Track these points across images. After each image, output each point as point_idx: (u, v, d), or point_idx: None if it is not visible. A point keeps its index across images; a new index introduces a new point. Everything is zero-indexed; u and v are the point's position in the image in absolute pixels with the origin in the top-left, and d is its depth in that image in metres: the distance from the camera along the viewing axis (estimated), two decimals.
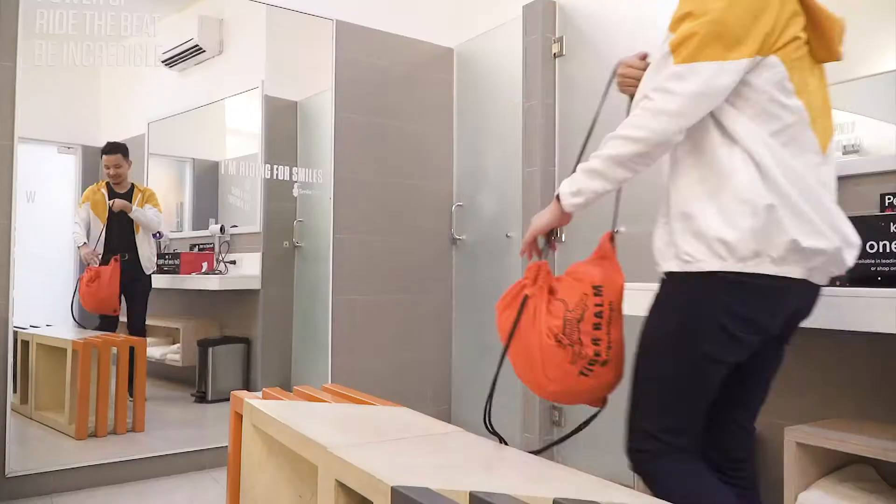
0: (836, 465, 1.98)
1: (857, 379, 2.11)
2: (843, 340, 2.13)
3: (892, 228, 1.81)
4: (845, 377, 2.14)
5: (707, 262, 1.34)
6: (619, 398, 1.64)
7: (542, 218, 1.59)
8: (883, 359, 2.05)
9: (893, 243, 1.80)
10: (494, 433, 1.71)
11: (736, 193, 1.32)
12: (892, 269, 1.80)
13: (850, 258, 1.42)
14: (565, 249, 3.34)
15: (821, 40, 1.41)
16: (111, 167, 3.49)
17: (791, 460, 1.92)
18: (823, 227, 1.35)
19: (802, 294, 1.42)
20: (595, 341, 1.53)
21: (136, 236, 3.56)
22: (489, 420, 1.73)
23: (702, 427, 1.49)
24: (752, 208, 1.31)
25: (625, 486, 1.36)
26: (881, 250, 1.81)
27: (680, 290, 1.42)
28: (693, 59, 1.31)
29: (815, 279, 1.41)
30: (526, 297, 1.61)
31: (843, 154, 2.24)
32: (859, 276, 1.84)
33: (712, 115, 1.37)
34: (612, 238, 1.70)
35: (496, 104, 3.83)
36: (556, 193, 1.52)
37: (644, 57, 1.69)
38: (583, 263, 1.68)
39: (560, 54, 3.42)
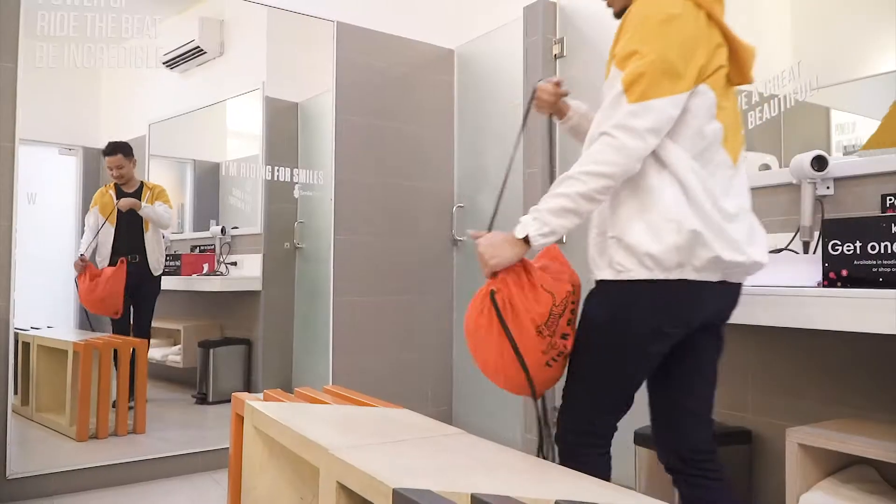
0: (838, 467, 1.98)
1: (859, 380, 2.11)
2: (844, 341, 2.13)
3: (894, 230, 1.80)
4: (847, 378, 2.14)
5: (636, 272, 1.51)
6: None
7: (504, 254, 1.59)
8: (884, 360, 2.04)
9: (894, 244, 1.80)
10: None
11: (662, 213, 1.48)
12: (894, 270, 1.80)
13: (764, 261, 1.59)
14: (566, 251, 3.33)
15: (737, 67, 1.58)
16: (114, 168, 3.47)
17: (793, 462, 1.92)
18: (742, 244, 1.52)
19: (722, 293, 1.58)
20: (564, 336, 1.64)
21: (145, 236, 3.54)
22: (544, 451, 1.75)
23: (624, 413, 1.66)
24: (677, 226, 1.47)
25: (626, 487, 1.36)
26: (882, 251, 1.81)
27: (613, 291, 1.57)
28: (646, 97, 1.44)
29: (733, 279, 1.58)
30: (493, 293, 1.62)
31: (844, 155, 2.25)
32: (861, 278, 1.84)
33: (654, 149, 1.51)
34: None
35: (497, 105, 3.83)
36: (522, 236, 1.54)
37: (558, 84, 1.90)
38: (545, 260, 1.75)
39: (561, 55, 3.42)
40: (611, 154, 1.46)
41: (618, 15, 1.66)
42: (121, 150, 3.50)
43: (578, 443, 1.65)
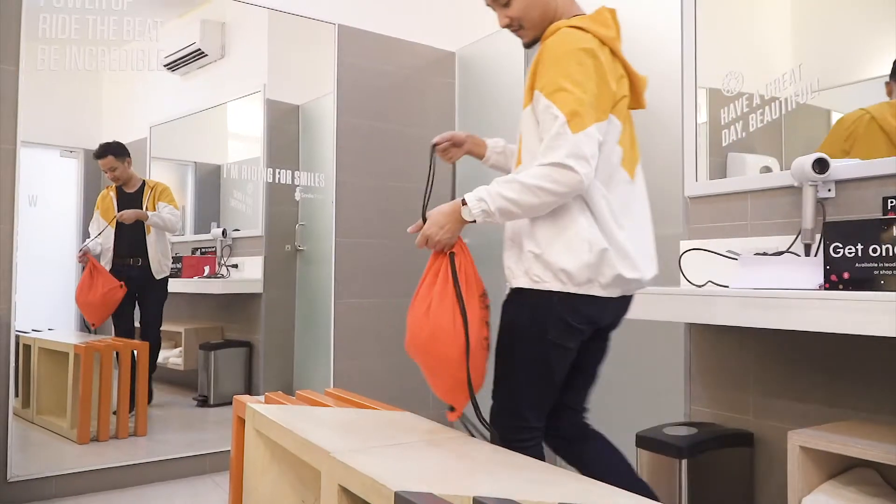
0: (840, 469, 1.98)
1: (861, 383, 2.11)
2: (846, 344, 2.12)
3: (895, 232, 1.80)
4: (848, 381, 2.14)
5: (551, 284, 1.68)
6: (612, 413, 1.65)
7: (455, 229, 1.76)
8: (886, 362, 2.04)
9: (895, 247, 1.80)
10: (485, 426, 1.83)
11: (576, 234, 1.66)
12: (895, 272, 1.79)
13: (653, 275, 1.81)
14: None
15: (634, 95, 1.78)
16: (107, 170, 3.44)
17: (794, 464, 1.92)
18: (640, 262, 1.74)
19: (619, 304, 1.79)
20: (488, 324, 1.79)
21: (147, 239, 3.52)
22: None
23: (551, 405, 1.83)
24: (588, 246, 1.66)
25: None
26: (883, 254, 1.81)
27: (529, 297, 1.73)
28: (585, 127, 1.59)
29: (629, 292, 1.80)
30: (453, 255, 1.77)
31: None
32: (862, 280, 1.83)
33: None
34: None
35: (498, 108, 3.83)
36: (470, 220, 1.69)
37: (450, 139, 2.12)
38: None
39: None
40: (567, 177, 1.58)
41: (527, 45, 1.86)
42: (111, 151, 3.45)
43: (514, 438, 1.77)
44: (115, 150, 3.47)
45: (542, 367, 1.76)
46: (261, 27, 3.71)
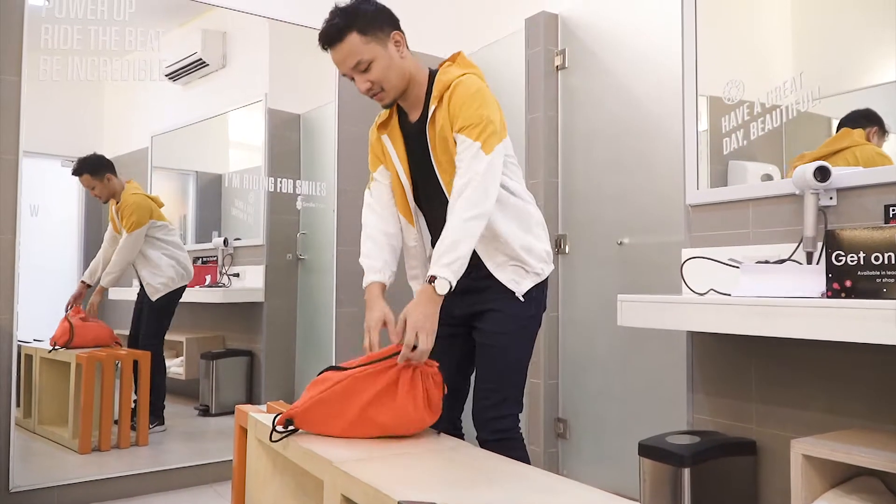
0: (843, 478, 1.97)
1: (864, 391, 2.11)
2: (848, 352, 2.12)
3: None
4: (851, 389, 2.14)
5: (545, 270, 1.99)
6: (615, 422, 1.64)
7: (431, 319, 1.75)
8: (889, 370, 2.04)
9: None
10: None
11: (538, 223, 2.02)
12: None
13: None
14: (569, 260, 3.34)
15: None
16: (87, 189, 3.36)
17: (797, 473, 1.91)
18: None
19: None
20: None
21: (136, 261, 3.47)
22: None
23: None
24: (544, 229, 2.04)
25: (630, 499, 1.35)
26: (886, 262, 1.81)
27: (531, 294, 1.95)
28: (492, 148, 1.84)
29: None
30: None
31: (847, 164, 2.24)
32: (864, 288, 1.84)
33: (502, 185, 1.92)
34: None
35: None
36: (446, 291, 1.74)
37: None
38: None
39: (562, 66, 3.43)
40: (482, 194, 1.80)
41: (387, 106, 2.09)
42: (86, 168, 3.32)
43: (516, 427, 1.94)
44: (90, 168, 3.33)
45: (530, 356, 2.01)
46: (262, 37, 3.72)
